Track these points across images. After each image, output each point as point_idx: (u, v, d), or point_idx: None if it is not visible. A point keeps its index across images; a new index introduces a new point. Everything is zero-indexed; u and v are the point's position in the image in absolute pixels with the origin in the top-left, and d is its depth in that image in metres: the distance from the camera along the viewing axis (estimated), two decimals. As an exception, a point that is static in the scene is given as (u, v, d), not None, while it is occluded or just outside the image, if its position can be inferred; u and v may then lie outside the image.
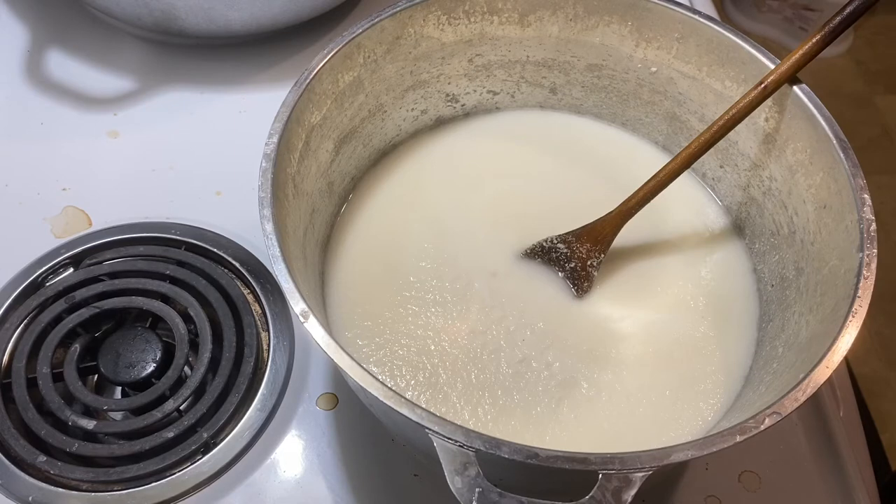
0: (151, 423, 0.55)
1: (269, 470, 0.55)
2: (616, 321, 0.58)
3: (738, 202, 0.62)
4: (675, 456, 0.40)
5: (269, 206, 0.47)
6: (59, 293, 0.60)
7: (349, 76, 0.57)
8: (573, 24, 0.61)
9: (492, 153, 0.66)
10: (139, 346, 0.57)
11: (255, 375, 0.57)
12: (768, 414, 0.41)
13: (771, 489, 0.54)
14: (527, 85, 0.67)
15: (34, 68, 0.76)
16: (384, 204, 0.63)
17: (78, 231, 0.65)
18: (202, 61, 0.77)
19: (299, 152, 0.54)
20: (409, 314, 0.57)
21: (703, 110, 0.61)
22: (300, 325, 0.47)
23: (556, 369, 0.55)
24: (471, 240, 0.61)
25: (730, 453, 0.41)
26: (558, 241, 0.59)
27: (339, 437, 0.56)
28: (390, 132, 0.65)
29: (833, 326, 0.45)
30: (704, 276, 0.60)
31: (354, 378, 0.42)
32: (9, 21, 0.79)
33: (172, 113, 0.73)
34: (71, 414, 0.54)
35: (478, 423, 0.53)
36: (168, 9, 0.69)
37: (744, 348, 0.57)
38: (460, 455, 0.40)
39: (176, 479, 0.54)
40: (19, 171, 0.69)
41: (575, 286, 0.59)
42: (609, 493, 0.39)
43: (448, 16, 0.60)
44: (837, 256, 0.50)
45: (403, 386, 0.54)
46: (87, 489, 0.53)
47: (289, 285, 0.45)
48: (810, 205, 0.54)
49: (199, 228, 0.65)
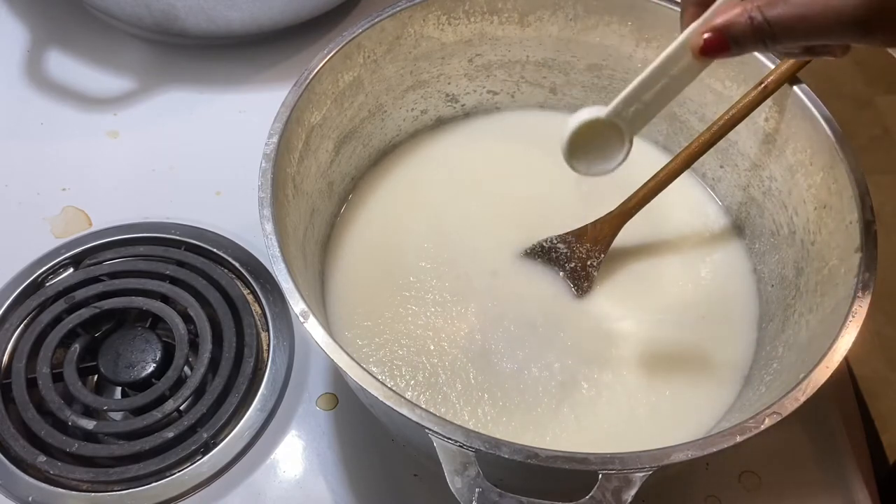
0: (151, 423, 0.54)
1: (269, 470, 0.55)
2: (616, 321, 0.58)
3: (738, 202, 0.62)
4: (675, 456, 0.40)
5: (269, 206, 0.48)
6: (59, 293, 0.60)
7: (349, 76, 0.57)
8: (573, 24, 0.61)
9: (492, 153, 0.66)
10: (139, 347, 0.57)
11: (255, 375, 0.57)
12: (768, 414, 0.41)
13: (771, 489, 0.54)
14: (527, 85, 0.67)
15: (34, 68, 0.76)
16: (384, 204, 0.63)
17: (78, 231, 0.65)
18: (202, 61, 0.76)
19: (299, 152, 0.54)
20: (408, 314, 0.57)
21: (703, 110, 0.61)
22: (300, 325, 0.47)
23: (557, 370, 0.55)
24: (471, 240, 0.61)
25: (730, 453, 0.41)
26: (558, 241, 0.59)
27: (339, 437, 0.56)
28: (390, 132, 0.65)
29: (833, 326, 0.45)
30: (704, 276, 0.60)
31: (354, 378, 0.42)
32: (9, 21, 0.79)
33: (172, 113, 0.73)
34: (71, 414, 0.54)
35: (478, 424, 0.52)
36: (168, 9, 0.69)
37: (744, 348, 0.57)
38: (460, 455, 0.40)
39: (176, 479, 0.54)
40: (19, 171, 0.69)
41: (575, 286, 0.59)
42: (609, 493, 0.39)
43: (448, 16, 0.60)
44: (837, 256, 0.50)
45: (403, 386, 0.54)
46: (87, 489, 0.53)
47: (289, 285, 0.45)
48: (810, 205, 0.54)
49: (199, 228, 0.65)
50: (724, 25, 0.37)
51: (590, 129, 0.44)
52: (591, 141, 0.44)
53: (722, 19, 0.37)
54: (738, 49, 0.37)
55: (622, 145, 0.44)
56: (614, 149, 0.45)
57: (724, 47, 0.37)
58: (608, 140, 0.44)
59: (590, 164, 0.46)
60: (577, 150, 0.45)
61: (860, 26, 0.34)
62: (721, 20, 0.37)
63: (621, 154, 0.45)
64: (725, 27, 0.37)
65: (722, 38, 0.37)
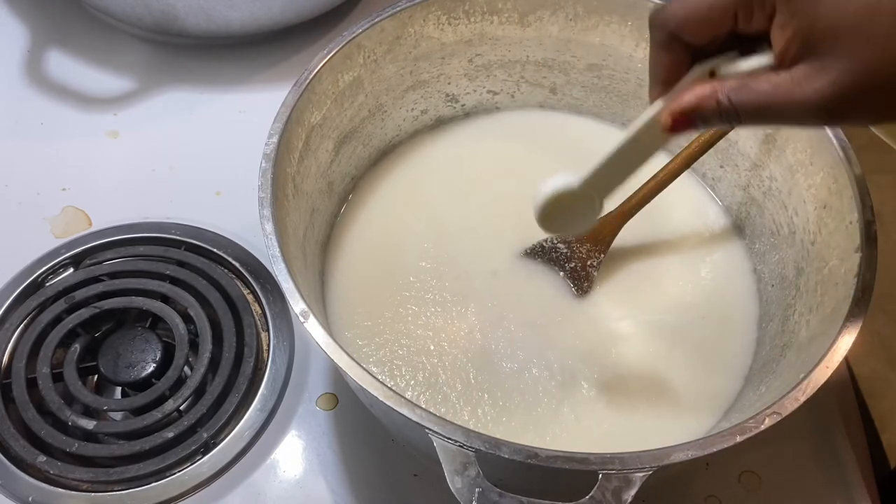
0: (151, 423, 0.55)
1: (269, 470, 0.55)
2: (616, 321, 0.58)
3: (738, 202, 0.62)
4: (675, 456, 0.40)
5: (269, 206, 0.48)
6: (59, 293, 0.60)
7: (349, 76, 0.57)
8: (573, 24, 0.61)
9: (492, 153, 0.66)
10: (139, 347, 0.57)
11: (255, 375, 0.57)
12: (768, 414, 0.41)
13: (771, 489, 0.54)
14: (527, 85, 0.67)
15: (34, 68, 0.76)
16: (384, 204, 0.63)
17: (78, 231, 0.65)
18: (202, 61, 0.77)
19: (299, 152, 0.54)
20: (408, 314, 0.57)
21: (703, 110, 0.61)
22: (300, 325, 0.47)
23: (557, 370, 0.55)
24: (471, 240, 0.61)
25: (730, 453, 0.41)
26: (558, 241, 0.59)
27: (339, 437, 0.56)
28: (390, 132, 0.65)
29: (833, 326, 0.45)
30: (704, 276, 0.60)
31: (354, 378, 0.42)
32: (9, 21, 0.79)
33: (172, 113, 0.73)
34: (71, 414, 0.54)
35: (478, 424, 0.52)
36: (168, 9, 0.69)
37: (744, 348, 0.57)
38: (460, 455, 0.40)
39: (176, 479, 0.54)
40: (19, 171, 0.69)
41: (575, 286, 0.59)
42: (609, 493, 0.39)
43: (448, 16, 0.60)
44: (837, 256, 0.50)
45: (403, 386, 0.54)
46: (87, 489, 0.53)
47: (289, 285, 0.45)
48: (810, 205, 0.54)
49: (199, 228, 0.65)
50: (692, 107, 0.37)
51: (562, 196, 0.46)
52: (563, 206, 0.46)
53: (690, 100, 0.37)
54: (704, 126, 0.38)
55: (593, 208, 0.46)
56: (586, 211, 0.46)
57: (692, 125, 0.38)
58: (579, 203, 0.46)
59: (563, 226, 0.48)
60: (549, 215, 0.47)
61: (825, 113, 0.34)
62: (689, 101, 0.37)
63: (593, 215, 0.47)
64: (694, 109, 0.37)
65: (690, 119, 0.38)
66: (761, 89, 0.35)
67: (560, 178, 0.46)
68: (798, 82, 0.34)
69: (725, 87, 0.36)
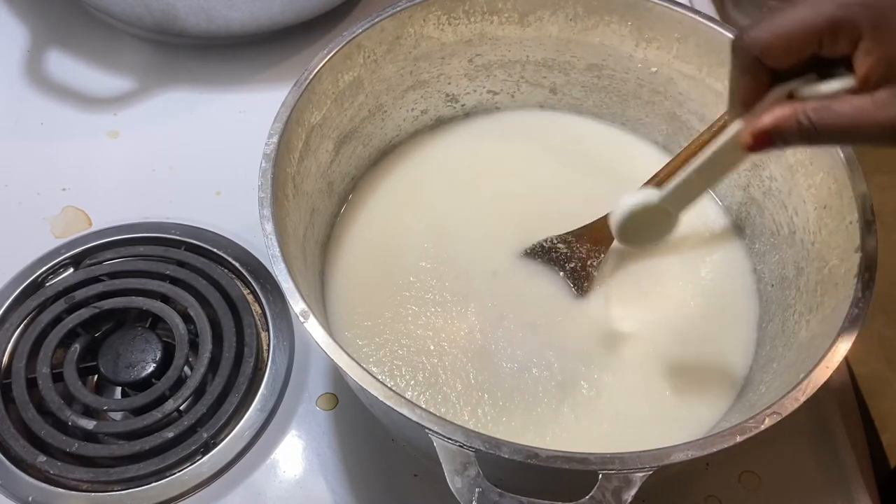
0: (151, 423, 0.54)
1: (269, 470, 0.55)
2: (616, 321, 0.58)
3: (738, 202, 0.62)
4: (675, 456, 0.40)
5: (269, 206, 0.48)
6: (59, 293, 0.60)
7: (349, 76, 0.57)
8: (573, 24, 0.61)
9: (492, 153, 0.66)
10: (139, 347, 0.57)
11: (255, 375, 0.57)
12: (768, 414, 0.41)
13: (771, 489, 0.54)
14: (527, 85, 0.67)
15: (34, 68, 0.76)
16: (384, 204, 0.63)
17: (78, 231, 0.65)
18: (202, 61, 0.77)
19: (299, 152, 0.54)
20: (408, 314, 0.57)
21: (703, 110, 0.61)
22: (300, 325, 0.47)
23: (556, 369, 0.55)
24: (471, 240, 0.61)
25: (730, 453, 0.41)
26: (558, 240, 0.59)
27: (339, 437, 0.56)
28: (390, 132, 0.65)
29: (833, 326, 0.45)
30: (704, 276, 0.60)
31: (354, 378, 0.42)
32: (9, 21, 0.79)
33: (172, 113, 0.73)
34: (71, 414, 0.54)
35: (478, 424, 0.52)
36: (168, 9, 0.69)
37: (744, 348, 0.57)
38: (460, 455, 0.40)
39: (176, 479, 0.54)
40: (19, 171, 0.69)
41: (575, 286, 0.59)
42: (609, 493, 0.39)
43: (448, 16, 0.60)
44: (837, 256, 0.50)
45: (403, 386, 0.54)
46: (87, 489, 0.53)
47: (289, 285, 0.45)
48: (810, 205, 0.54)
49: (199, 228, 0.65)
50: (773, 127, 0.39)
51: (641, 212, 0.48)
52: (642, 220, 0.49)
53: (771, 120, 0.39)
54: (783, 145, 0.40)
55: (670, 222, 0.49)
56: (662, 225, 0.49)
57: (772, 144, 0.40)
58: (656, 218, 0.48)
59: (641, 239, 0.51)
60: (628, 229, 0.49)
61: None
62: (771, 121, 0.39)
63: (669, 229, 0.49)
64: (775, 129, 0.39)
65: (771, 138, 0.39)
66: (843, 111, 0.37)
67: (640, 194, 0.48)
68: (880, 105, 0.36)
69: (807, 108, 0.38)
